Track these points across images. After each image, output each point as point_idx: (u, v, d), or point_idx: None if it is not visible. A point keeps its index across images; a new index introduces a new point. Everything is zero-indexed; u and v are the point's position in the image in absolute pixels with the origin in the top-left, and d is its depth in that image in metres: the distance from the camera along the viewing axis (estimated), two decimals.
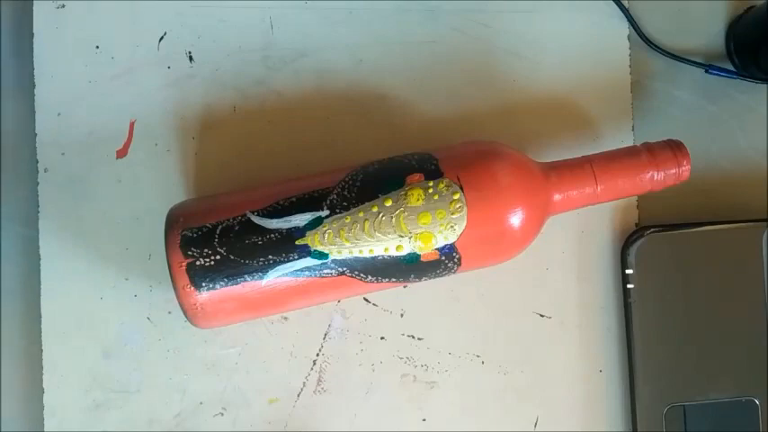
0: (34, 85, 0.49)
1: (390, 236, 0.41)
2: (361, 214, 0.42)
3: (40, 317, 0.48)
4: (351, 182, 0.43)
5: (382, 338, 0.50)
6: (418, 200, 0.41)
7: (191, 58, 0.49)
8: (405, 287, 0.50)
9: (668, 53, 0.51)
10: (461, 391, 0.50)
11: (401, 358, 0.50)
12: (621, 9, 0.51)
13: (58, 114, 0.49)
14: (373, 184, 0.42)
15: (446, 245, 0.42)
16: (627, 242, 0.50)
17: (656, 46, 0.51)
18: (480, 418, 0.50)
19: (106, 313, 0.49)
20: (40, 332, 0.48)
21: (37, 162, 0.49)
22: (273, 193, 0.43)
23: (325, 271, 0.42)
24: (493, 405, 0.50)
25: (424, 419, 0.50)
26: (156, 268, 0.49)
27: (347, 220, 0.42)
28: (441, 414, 0.50)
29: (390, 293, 0.49)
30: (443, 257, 0.43)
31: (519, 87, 0.51)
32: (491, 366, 0.50)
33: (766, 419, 0.49)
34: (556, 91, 0.51)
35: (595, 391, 0.50)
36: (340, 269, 0.42)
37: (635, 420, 0.49)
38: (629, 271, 0.49)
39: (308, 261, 0.42)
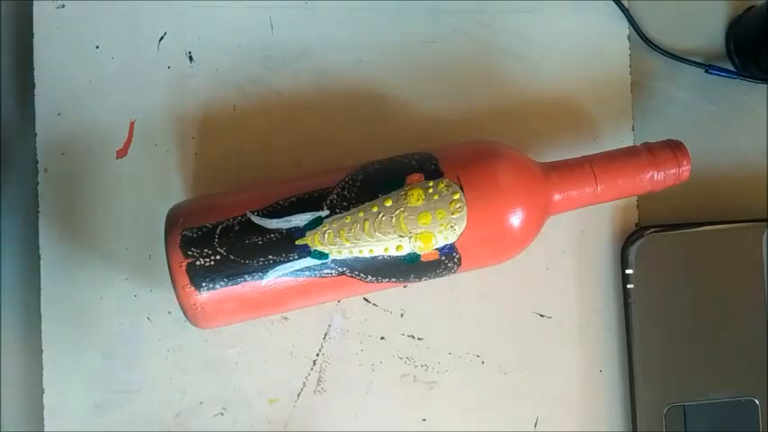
0: (34, 85, 0.49)
1: (390, 236, 0.41)
2: (361, 214, 0.42)
3: (40, 317, 0.48)
4: (351, 182, 0.43)
5: (382, 338, 0.50)
6: (418, 200, 0.41)
7: (191, 58, 0.49)
8: (405, 287, 0.50)
9: (668, 53, 0.51)
10: (461, 391, 0.50)
11: (401, 358, 0.50)
12: (621, 9, 0.51)
13: (58, 114, 0.49)
14: (373, 183, 0.42)
15: (446, 245, 0.42)
16: (627, 242, 0.50)
17: (656, 46, 0.51)
18: (480, 418, 0.50)
19: (106, 313, 0.49)
20: (40, 332, 0.48)
21: (37, 162, 0.49)
22: (273, 193, 0.43)
23: (326, 271, 0.42)
24: (493, 405, 0.50)
25: (424, 419, 0.50)
26: (156, 268, 0.49)
27: (347, 220, 0.42)
28: (441, 414, 0.50)
29: (390, 293, 0.49)
30: (443, 257, 0.43)
31: (519, 87, 0.51)
32: (491, 366, 0.50)
33: (766, 419, 0.49)
34: (556, 91, 0.51)
35: (595, 391, 0.50)
36: (340, 269, 0.42)
37: (635, 420, 0.49)
38: (629, 271, 0.49)
39: (308, 261, 0.42)
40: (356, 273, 0.42)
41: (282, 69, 0.50)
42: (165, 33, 0.49)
